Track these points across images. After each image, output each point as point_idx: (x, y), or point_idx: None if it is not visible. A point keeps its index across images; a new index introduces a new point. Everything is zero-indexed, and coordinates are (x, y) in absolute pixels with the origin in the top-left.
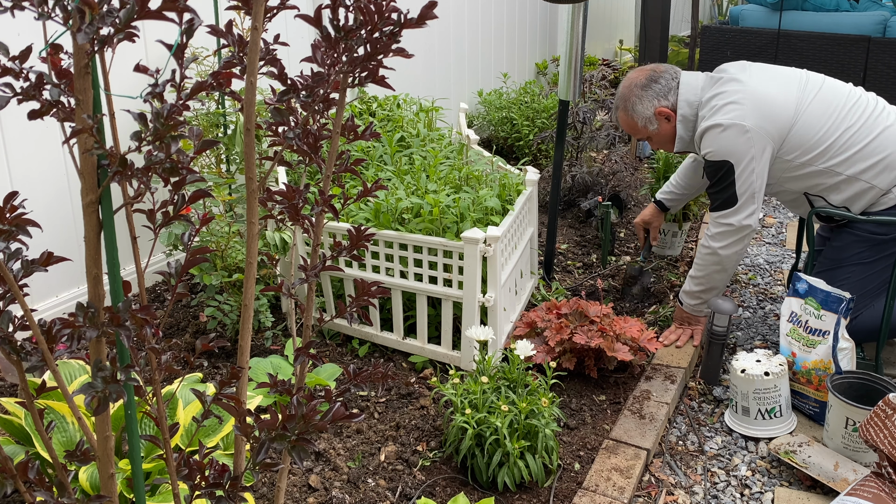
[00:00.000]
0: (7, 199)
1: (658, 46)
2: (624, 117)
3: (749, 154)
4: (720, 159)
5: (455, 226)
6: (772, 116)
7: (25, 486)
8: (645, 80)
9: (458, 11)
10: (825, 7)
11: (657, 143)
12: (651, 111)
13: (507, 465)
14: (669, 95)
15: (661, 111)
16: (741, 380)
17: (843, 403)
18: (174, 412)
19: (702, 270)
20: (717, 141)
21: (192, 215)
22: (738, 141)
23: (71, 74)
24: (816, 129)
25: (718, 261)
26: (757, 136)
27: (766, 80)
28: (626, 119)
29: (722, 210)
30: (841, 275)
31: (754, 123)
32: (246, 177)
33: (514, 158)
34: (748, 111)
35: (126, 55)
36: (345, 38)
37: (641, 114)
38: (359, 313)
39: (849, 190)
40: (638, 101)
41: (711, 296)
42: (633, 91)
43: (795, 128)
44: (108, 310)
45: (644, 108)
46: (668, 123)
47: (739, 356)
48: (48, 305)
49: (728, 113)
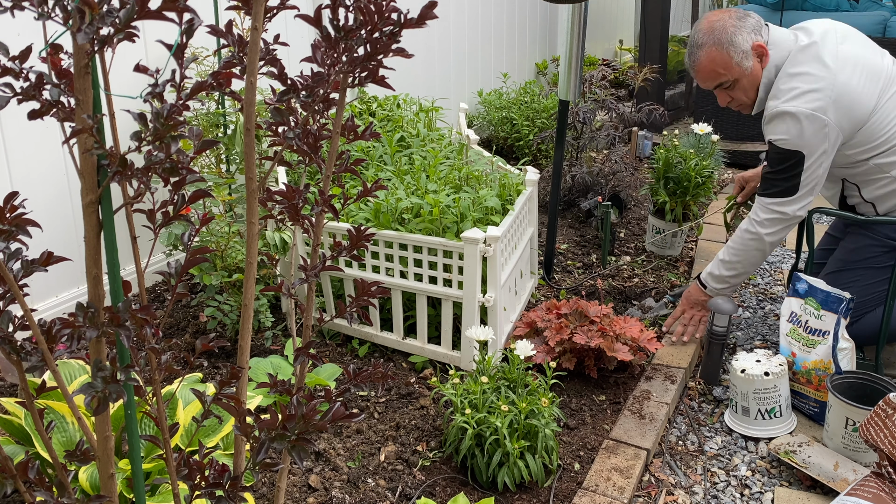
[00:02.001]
0: (7, 199)
1: (658, 46)
2: (714, 52)
3: (822, 148)
4: (792, 149)
5: (455, 226)
6: (850, 114)
7: (25, 486)
8: (740, 13)
9: (458, 11)
10: (825, 7)
11: (741, 90)
12: (749, 44)
13: (507, 465)
14: (762, 32)
15: (757, 45)
16: (741, 380)
17: (842, 403)
18: (174, 412)
19: (739, 255)
20: (792, 129)
21: (192, 215)
22: (816, 134)
23: (71, 74)
24: (883, 128)
25: (761, 247)
26: (833, 131)
27: (852, 73)
28: (717, 54)
29: (779, 198)
30: (849, 277)
31: (834, 119)
32: (246, 177)
33: (514, 158)
34: (830, 104)
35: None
36: (345, 38)
37: (739, 46)
38: (359, 313)
39: (886, 188)
40: (736, 32)
41: (740, 281)
42: (729, 22)
43: (866, 126)
44: (108, 310)
45: (742, 40)
46: (759, 65)
47: (739, 356)
48: (48, 305)
49: (810, 102)
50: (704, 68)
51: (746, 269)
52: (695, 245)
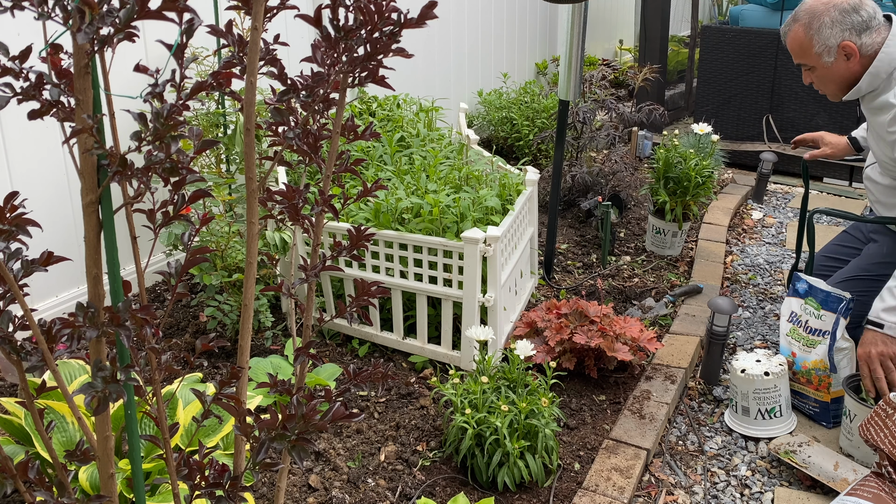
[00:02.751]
0: (7, 198)
1: (658, 46)
2: (801, 33)
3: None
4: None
5: (455, 226)
6: None
7: (25, 486)
8: (850, 5)
9: (458, 11)
10: None
11: (819, 80)
12: (837, 41)
13: (507, 464)
14: (864, 35)
15: (846, 45)
16: (741, 380)
17: (859, 405)
18: (174, 412)
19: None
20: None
21: (192, 215)
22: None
23: (71, 74)
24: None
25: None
26: None
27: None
28: (802, 37)
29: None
30: (865, 286)
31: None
32: (246, 177)
33: (514, 158)
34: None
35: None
36: (345, 38)
37: (825, 40)
38: (359, 313)
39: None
40: (830, 24)
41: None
42: (829, 12)
43: None
44: (108, 310)
45: (831, 34)
46: (845, 63)
47: (739, 356)
48: (48, 305)
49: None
50: (790, 44)
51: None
52: (695, 245)
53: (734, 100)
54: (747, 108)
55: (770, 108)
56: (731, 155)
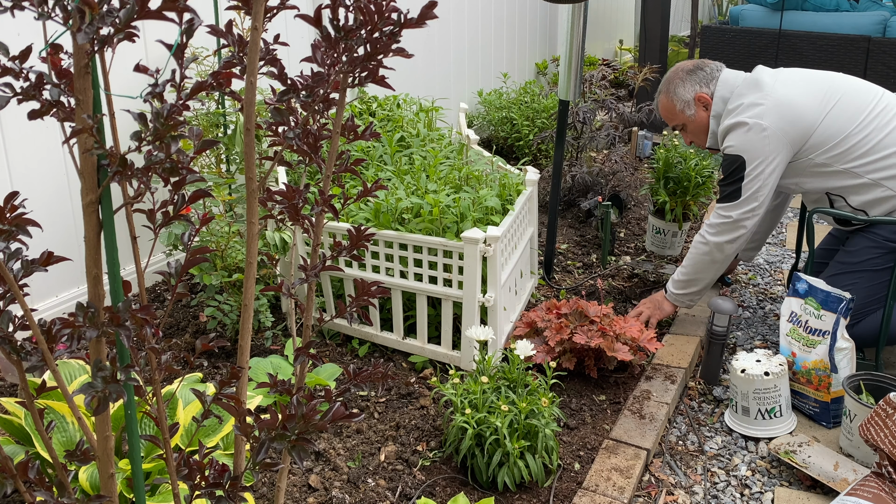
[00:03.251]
0: (7, 198)
1: (658, 46)
2: (665, 101)
3: (762, 154)
4: (735, 154)
5: (455, 226)
6: (793, 119)
7: (25, 486)
8: (692, 66)
9: (458, 11)
10: (825, 7)
11: (691, 133)
12: (691, 95)
13: (507, 465)
14: (710, 85)
15: (700, 97)
16: (741, 380)
17: (859, 405)
18: (174, 412)
19: (690, 260)
20: (736, 137)
21: (192, 215)
22: (755, 139)
23: (71, 74)
24: (839, 131)
25: (708, 252)
26: (774, 137)
27: (791, 85)
28: (666, 102)
29: (725, 202)
30: (850, 279)
31: (773, 124)
32: (246, 177)
33: (514, 158)
34: (769, 112)
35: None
36: (345, 38)
37: (682, 97)
38: (359, 313)
39: (869, 194)
40: (681, 83)
41: (695, 289)
42: (678, 74)
43: (818, 130)
44: (108, 310)
45: (685, 92)
46: (704, 112)
47: (739, 356)
48: (48, 305)
49: (750, 111)
50: (661, 112)
51: (698, 275)
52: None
53: None
54: None
55: None
56: None
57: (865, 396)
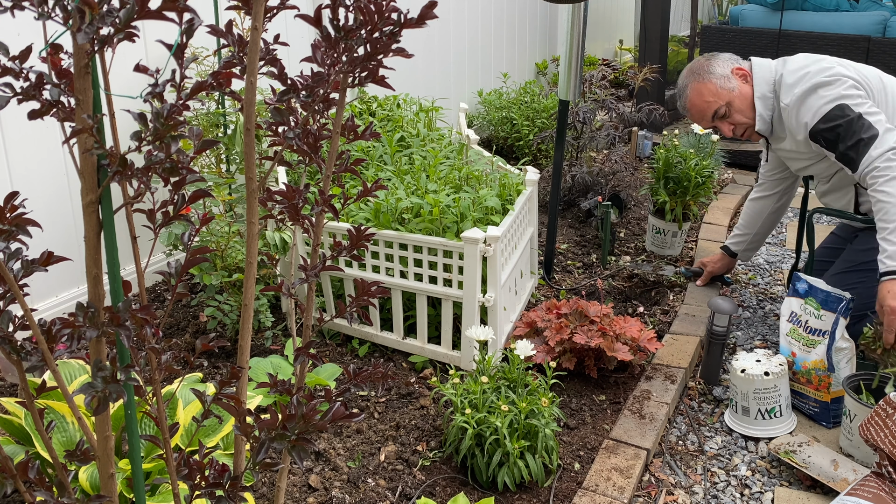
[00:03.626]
0: (7, 198)
1: (658, 46)
2: (699, 88)
3: (858, 94)
4: (833, 106)
5: (455, 226)
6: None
7: (25, 486)
8: (708, 55)
9: (458, 11)
10: (825, 7)
11: (738, 111)
12: (728, 69)
13: (507, 464)
14: (741, 63)
15: (738, 69)
16: (741, 380)
17: (859, 405)
18: (174, 412)
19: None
20: (820, 97)
21: (192, 215)
22: (842, 86)
23: (71, 74)
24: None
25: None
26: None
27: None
28: (702, 88)
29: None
30: (856, 278)
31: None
32: (246, 177)
33: (514, 158)
34: (844, 72)
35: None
36: (345, 38)
37: (718, 72)
38: (359, 313)
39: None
40: (710, 65)
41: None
42: (701, 62)
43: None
44: (108, 310)
45: (721, 70)
46: (746, 84)
47: (739, 356)
48: (48, 305)
49: (827, 72)
50: (696, 103)
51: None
52: (695, 245)
53: None
54: None
55: None
56: (731, 155)
57: (865, 396)
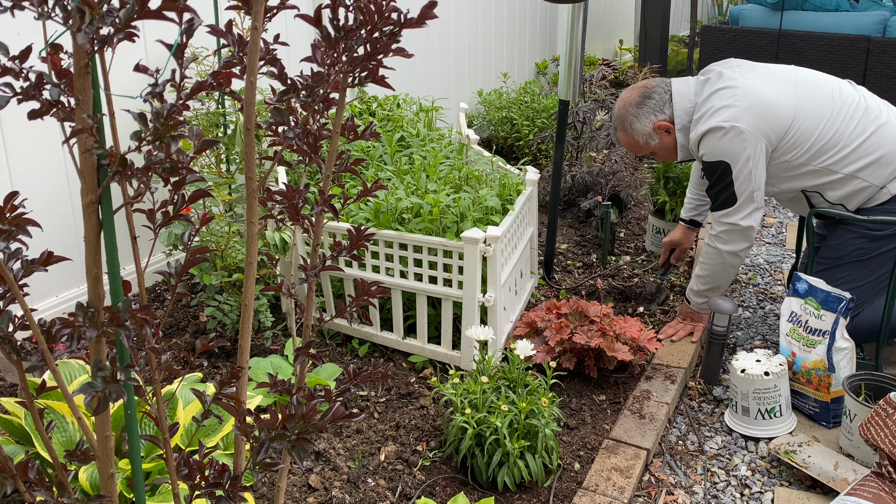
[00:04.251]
0: (7, 198)
1: (658, 46)
2: (625, 137)
3: (745, 154)
4: (717, 160)
5: (455, 226)
6: (768, 116)
7: (25, 486)
8: (638, 97)
9: (458, 11)
10: (825, 7)
11: (662, 157)
12: (650, 127)
13: (507, 464)
14: (665, 108)
15: (659, 125)
16: (741, 380)
17: (859, 405)
18: (174, 412)
19: (707, 270)
20: (712, 143)
21: (192, 215)
22: (734, 142)
23: (71, 74)
24: (813, 129)
25: (723, 261)
26: (752, 136)
27: (760, 80)
28: (627, 139)
29: (722, 209)
30: (839, 273)
31: (749, 124)
32: (246, 177)
33: (514, 158)
34: (743, 112)
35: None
36: (345, 38)
37: (640, 131)
38: (359, 313)
39: (845, 188)
40: (635, 119)
41: (716, 294)
42: (628, 111)
43: (793, 128)
44: (108, 309)
45: (642, 126)
46: (668, 136)
47: (739, 356)
48: (48, 305)
49: (723, 114)
50: (625, 145)
51: (719, 281)
52: (695, 245)
53: None
54: None
55: None
56: None
57: (865, 396)
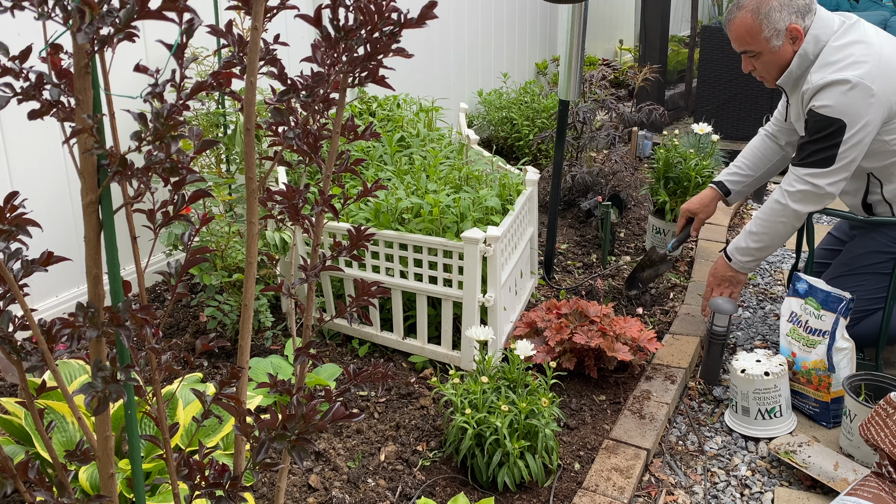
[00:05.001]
0: (7, 198)
1: (658, 46)
2: (749, 21)
3: (865, 118)
4: (835, 116)
5: (455, 226)
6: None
7: (25, 486)
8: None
9: (458, 11)
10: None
11: (763, 66)
12: (784, 24)
13: (507, 464)
14: (807, 17)
15: (794, 28)
16: (741, 380)
17: (859, 405)
18: (174, 412)
19: (766, 227)
20: (839, 97)
21: (192, 215)
22: (862, 103)
23: (71, 74)
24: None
25: (788, 219)
26: (879, 102)
27: (891, 46)
28: (752, 23)
29: (813, 168)
30: (853, 281)
31: (881, 89)
32: (246, 177)
33: (514, 158)
34: (879, 74)
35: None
36: (345, 38)
37: (774, 23)
38: (359, 313)
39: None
40: (779, 7)
41: (766, 255)
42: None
43: None
44: (108, 310)
45: (779, 18)
46: (790, 47)
47: (739, 356)
48: (48, 305)
49: (858, 69)
50: (735, 31)
51: (773, 241)
52: (695, 245)
53: (734, 100)
54: (747, 108)
55: (770, 108)
56: (731, 155)
57: (864, 397)
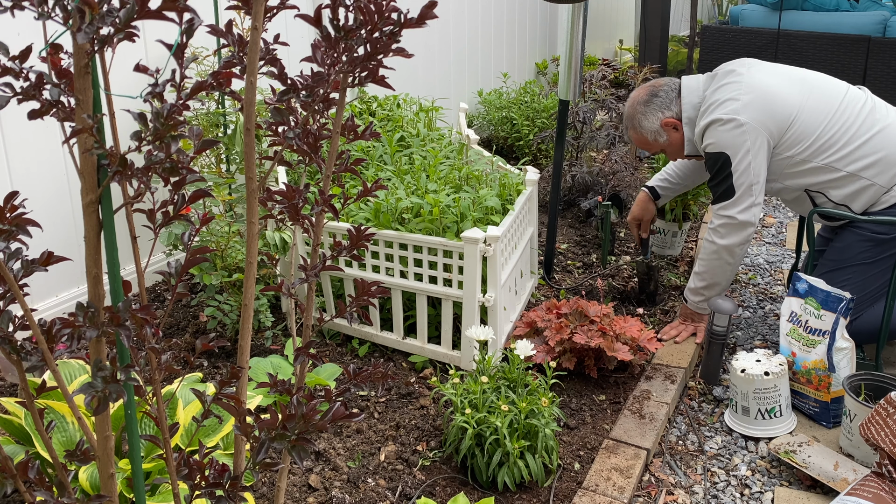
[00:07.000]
0: (7, 198)
1: (658, 46)
2: (635, 135)
3: (744, 147)
4: (718, 151)
5: (455, 226)
6: (771, 111)
7: (25, 486)
8: (646, 96)
9: (458, 11)
10: (825, 7)
11: (672, 154)
12: (657, 124)
13: (507, 464)
14: (672, 105)
15: (666, 122)
16: (741, 380)
17: (859, 405)
18: (174, 412)
19: (704, 266)
20: (714, 135)
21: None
22: (734, 134)
23: (71, 74)
24: (816, 125)
25: (719, 256)
26: (752, 129)
27: (766, 75)
28: (637, 136)
29: (721, 202)
30: (843, 276)
31: (751, 117)
32: (246, 177)
33: (514, 158)
34: (745, 105)
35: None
36: (345, 38)
37: (649, 128)
38: (359, 313)
39: (849, 187)
40: (643, 116)
41: (715, 292)
42: (637, 109)
43: (796, 123)
44: (108, 309)
45: (651, 123)
46: (676, 133)
47: (739, 356)
48: (48, 305)
49: (726, 107)
50: (636, 143)
51: (717, 279)
52: (695, 245)
53: None
54: None
55: None
56: None
57: (864, 396)
